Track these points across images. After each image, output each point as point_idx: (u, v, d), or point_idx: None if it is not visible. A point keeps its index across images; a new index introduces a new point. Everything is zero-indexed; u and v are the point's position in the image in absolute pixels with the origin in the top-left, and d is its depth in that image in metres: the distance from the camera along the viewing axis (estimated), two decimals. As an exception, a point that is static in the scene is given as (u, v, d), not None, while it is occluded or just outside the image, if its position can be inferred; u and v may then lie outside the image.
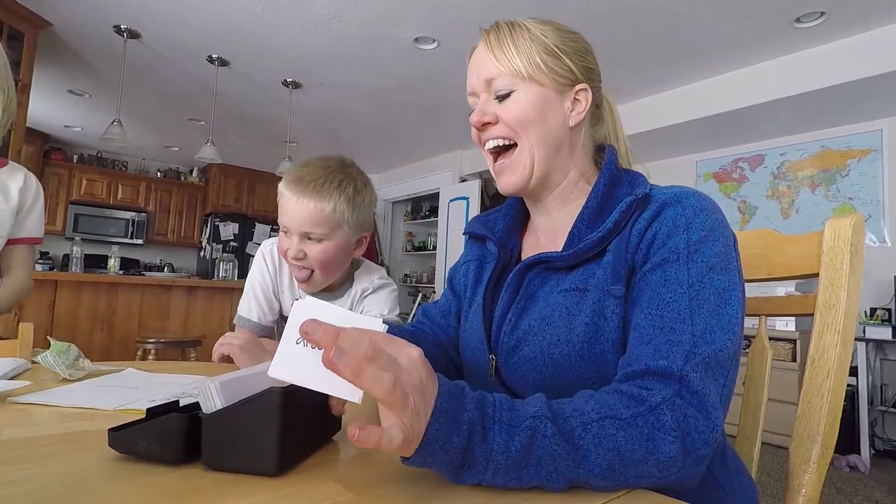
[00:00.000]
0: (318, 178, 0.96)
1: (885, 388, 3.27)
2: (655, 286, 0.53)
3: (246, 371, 0.53)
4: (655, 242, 0.55)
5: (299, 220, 0.97)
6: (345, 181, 0.99)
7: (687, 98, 3.64)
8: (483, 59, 0.65)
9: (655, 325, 0.51)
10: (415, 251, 6.83)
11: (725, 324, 0.51)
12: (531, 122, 0.62)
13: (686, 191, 0.58)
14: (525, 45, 0.62)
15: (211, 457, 0.45)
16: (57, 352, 0.85)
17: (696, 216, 0.55)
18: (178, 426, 0.45)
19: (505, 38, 0.63)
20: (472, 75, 0.66)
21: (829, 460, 0.62)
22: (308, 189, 0.96)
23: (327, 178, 0.97)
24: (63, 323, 2.74)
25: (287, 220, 0.99)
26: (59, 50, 3.45)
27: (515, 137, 0.63)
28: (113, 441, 0.46)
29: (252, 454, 0.44)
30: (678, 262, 0.53)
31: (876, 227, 3.43)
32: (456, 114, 4.38)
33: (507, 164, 0.65)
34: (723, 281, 0.53)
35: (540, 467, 0.42)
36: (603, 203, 0.62)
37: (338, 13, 2.92)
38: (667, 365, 0.48)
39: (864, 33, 2.88)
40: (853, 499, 2.43)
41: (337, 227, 0.99)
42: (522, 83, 0.62)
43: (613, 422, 0.44)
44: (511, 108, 0.62)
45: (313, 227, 0.97)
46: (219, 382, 0.46)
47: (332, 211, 0.96)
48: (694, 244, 0.54)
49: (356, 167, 1.05)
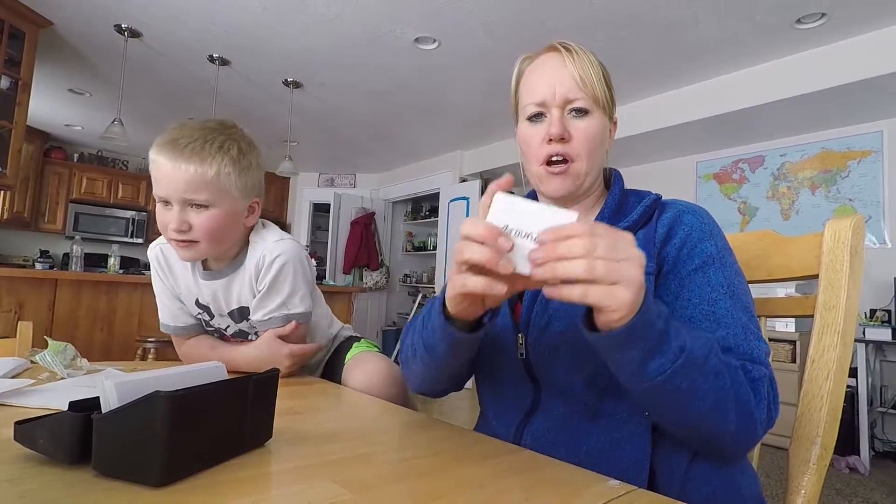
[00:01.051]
0: (196, 139, 0.86)
1: (885, 389, 3.27)
2: (702, 286, 0.62)
3: (166, 371, 0.49)
4: (688, 243, 0.64)
5: (181, 186, 0.86)
6: (227, 142, 0.89)
7: (687, 99, 3.64)
8: (565, 76, 0.68)
9: (710, 318, 0.60)
10: (415, 251, 6.82)
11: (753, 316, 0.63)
12: (596, 146, 0.70)
13: (693, 204, 0.70)
14: (599, 74, 0.69)
15: (100, 461, 0.41)
16: (54, 351, 0.85)
17: (713, 227, 0.67)
18: (71, 425, 0.42)
19: (584, 61, 0.69)
20: (544, 86, 0.69)
21: (828, 461, 0.63)
22: (186, 152, 0.85)
23: (206, 140, 0.87)
24: (63, 322, 2.74)
25: (165, 189, 0.87)
26: (59, 49, 3.45)
27: (578, 155, 0.69)
28: (17, 435, 0.44)
29: (135, 461, 0.40)
30: (714, 266, 0.63)
31: (876, 228, 3.43)
32: (456, 114, 4.38)
33: (566, 171, 0.69)
34: (742, 281, 0.65)
35: (706, 378, 0.50)
36: (620, 206, 0.71)
37: (338, 13, 2.92)
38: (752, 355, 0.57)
39: (865, 34, 2.88)
40: (852, 500, 2.43)
41: (223, 193, 0.89)
42: (596, 109, 0.69)
43: (738, 373, 0.54)
44: (586, 131, 0.69)
45: (196, 192, 0.87)
46: (116, 381, 0.43)
47: (217, 175, 0.87)
48: (720, 251, 0.64)
49: (238, 128, 0.95)
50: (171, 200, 0.88)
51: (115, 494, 0.39)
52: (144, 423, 0.40)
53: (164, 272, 1.04)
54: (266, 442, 0.53)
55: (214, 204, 0.89)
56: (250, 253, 1.00)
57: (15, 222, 5.28)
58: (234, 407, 0.48)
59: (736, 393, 0.52)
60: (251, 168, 0.93)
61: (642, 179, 4.69)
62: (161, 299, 1.07)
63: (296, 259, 0.99)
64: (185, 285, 1.04)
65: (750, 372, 0.56)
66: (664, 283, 0.64)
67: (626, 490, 0.45)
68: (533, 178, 0.73)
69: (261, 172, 0.97)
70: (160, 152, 0.86)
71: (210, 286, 1.00)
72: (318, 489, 0.42)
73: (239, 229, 0.97)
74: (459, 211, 5.35)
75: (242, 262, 1.00)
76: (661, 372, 0.48)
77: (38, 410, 0.61)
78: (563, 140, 0.68)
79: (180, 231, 0.88)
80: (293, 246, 1.00)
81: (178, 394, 0.41)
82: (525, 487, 0.44)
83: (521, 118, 0.73)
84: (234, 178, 0.89)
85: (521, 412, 0.68)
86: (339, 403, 0.81)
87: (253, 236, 1.01)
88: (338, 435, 0.59)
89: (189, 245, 0.91)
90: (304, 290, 1.01)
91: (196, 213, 0.88)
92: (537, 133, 0.70)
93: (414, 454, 0.53)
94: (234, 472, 0.45)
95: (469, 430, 0.69)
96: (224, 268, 1.00)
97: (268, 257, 0.97)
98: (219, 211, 0.90)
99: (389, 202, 6.69)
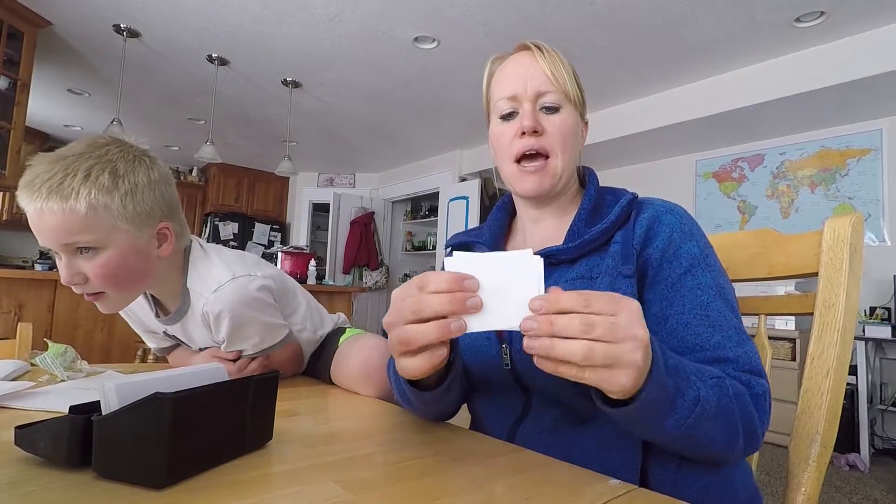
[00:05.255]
0: (54, 173, 0.70)
1: (885, 386, 3.27)
2: (693, 289, 0.62)
3: (167, 372, 0.48)
4: (671, 245, 0.64)
5: (53, 233, 0.71)
6: (95, 167, 0.72)
7: (686, 97, 3.64)
8: (536, 71, 0.69)
9: (705, 322, 0.60)
10: (414, 251, 6.82)
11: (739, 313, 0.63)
12: (570, 141, 0.70)
13: (670, 202, 0.69)
14: (569, 70, 0.70)
15: (101, 463, 0.41)
16: (54, 353, 0.85)
17: (692, 226, 0.66)
18: (71, 428, 0.42)
19: (555, 58, 0.69)
20: (516, 81, 0.69)
21: (828, 459, 0.63)
22: (44, 191, 0.69)
23: (67, 171, 0.70)
24: (63, 323, 2.73)
25: (42, 239, 0.73)
26: (58, 49, 3.44)
27: (553, 150, 0.69)
28: (17, 439, 0.44)
29: (136, 463, 0.40)
30: (700, 267, 0.63)
31: (875, 226, 3.43)
32: (456, 113, 4.38)
33: (540, 169, 0.69)
34: (726, 278, 0.65)
35: (719, 419, 0.50)
36: (596, 206, 0.70)
37: (338, 13, 2.91)
38: (750, 364, 0.58)
39: (864, 33, 2.88)
40: (852, 497, 2.43)
41: (109, 230, 0.74)
42: (567, 104, 0.69)
43: (744, 399, 0.54)
44: (559, 125, 0.69)
45: (72, 236, 0.72)
46: (117, 383, 0.42)
47: (90, 209, 0.71)
48: (703, 250, 0.64)
49: (117, 144, 0.77)
50: (53, 249, 0.74)
51: (115, 496, 0.39)
52: (145, 425, 0.40)
53: (126, 313, 0.99)
54: (266, 443, 0.53)
55: (103, 245, 0.74)
56: (193, 300, 0.88)
57: (14, 223, 5.27)
58: (234, 408, 0.48)
59: (743, 420, 0.53)
60: (138, 190, 0.76)
61: (642, 178, 4.69)
62: (137, 331, 1.05)
63: (243, 305, 0.86)
64: (150, 323, 0.98)
65: (754, 388, 0.56)
66: (653, 288, 0.63)
67: (626, 489, 0.45)
68: (507, 178, 0.72)
69: (160, 190, 0.80)
70: (21, 197, 0.72)
71: (172, 329, 0.96)
72: (318, 490, 0.42)
73: (152, 265, 0.82)
74: (459, 210, 5.35)
75: (187, 308, 0.89)
76: (679, 426, 0.49)
77: (39, 413, 0.61)
78: (536, 133, 0.68)
79: (76, 284, 0.76)
80: (235, 290, 0.85)
81: (179, 395, 0.41)
82: (525, 487, 0.44)
83: (492, 117, 0.73)
84: (115, 208, 0.73)
85: (512, 417, 0.68)
86: (339, 404, 0.81)
87: (189, 278, 0.88)
88: (338, 435, 0.59)
89: (97, 297, 0.79)
90: (267, 324, 0.91)
91: (86, 260, 0.74)
92: (509, 129, 0.70)
93: (414, 454, 0.53)
94: (234, 474, 0.45)
95: (468, 429, 0.69)
96: (174, 313, 0.91)
97: (211, 313, 0.85)
98: (112, 252, 0.75)
99: (389, 202, 6.69)
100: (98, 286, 0.77)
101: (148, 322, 0.98)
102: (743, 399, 0.54)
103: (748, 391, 0.55)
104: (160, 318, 0.93)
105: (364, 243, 6.25)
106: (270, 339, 0.93)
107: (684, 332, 0.60)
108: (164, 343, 1.04)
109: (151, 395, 0.40)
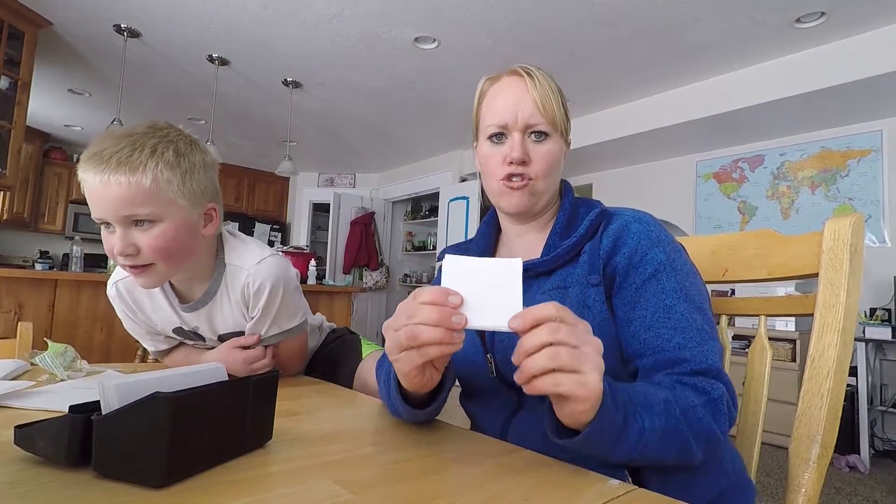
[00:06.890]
0: (122, 147, 0.74)
1: (885, 388, 3.27)
2: (657, 294, 0.64)
3: (166, 372, 0.49)
4: (637, 252, 0.66)
5: (115, 204, 0.75)
6: (160, 145, 0.77)
7: (687, 98, 3.64)
8: (527, 101, 0.71)
9: (667, 325, 0.62)
10: (415, 251, 6.82)
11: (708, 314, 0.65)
12: (554, 168, 0.73)
13: (639, 212, 0.71)
14: (558, 100, 0.72)
15: (100, 462, 0.41)
16: (54, 353, 0.85)
17: (660, 232, 0.68)
18: (71, 428, 0.42)
19: (546, 89, 0.71)
20: (506, 112, 0.71)
21: (828, 460, 0.63)
22: (112, 162, 0.73)
23: (135, 146, 0.75)
24: (63, 323, 2.73)
25: (100, 210, 0.76)
26: (59, 49, 3.44)
27: (538, 176, 0.72)
28: (17, 439, 0.44)
29: (135, 462, 0.40)
30: (666, 272, 0.64)
31: (876, 227, 3.43)
32: (456, 114, 4.38)
33: (525, 187, 0.71)
34: (697, 283, 0.67)
35: (666, 441, 0.52)
36: (570, 220, 0.73)
37: (338, 13, 2.91)
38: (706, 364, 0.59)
39: (864, 33, 2.88)
40: (853, 499, 2.43)
41: (168, 203, 0.78)
42: (554, 133, 0.72)
43: (696, 412, 0.55)
44: (545, 154, 0.71)
45: (134, 207, 0.75)
46: (117, 382, 0.43)
47: (154, 183, 0.75)
48: (669, 256, 0.66)
49: (175, 128, 0.83)
50: (109, 221, 0.77)
51: (115, 495, 0.39)
52: (145, 425, 0.40)
53: (132, 311, 0.97)
54: (266, 443, 0.53)
55: (160, 218, 0.78)
56: (229, 277, 0.91)
57: (14, 223, 5.28)
58: (234, 408, 0.48)
59: (696, 434, 0.54)
60: (196, 170, 0.81)
61: (642, 179, 4.69)
62: (136, 334, 1.02)
63: (283, 278, 0.92)
64: (163, 318, 0.97)
65: (709, 393, 0.57)
66: (619, 293, 0.66)
67: (626, 490, 0.45)
68: (492, 194, 0.75)
69: (211, 173, 0.86)
70: (85, 169, 0.75)
71: (194, 317, 0.95)
72: (318, 489, 0.42)
73: (198, 242, 0.86)
74: (459, 210, 5.35)
75: (220, 286, 0.92)
76: (626, 455, 0.51)
77: (38, 412, 0.61)
78: (524, 163, 0.71)
79: (127, 255, 0.78)
80: (276, 264, 0.92)
81: (179, 395, 0.41)
82: (525, 487, 0.45)
83: (481, 137, 0.75)
84: (175, 184, 0.78)
85: (506, 412, 0.70)
86: (339, 404, 0.81)
87: (228, 255, 0.93)
88: (337, 435, 0.59)
89: (144, 270, 0.81)
90: (296, 304, 0.97)
91: (141, 231, 0.78)
92: (498, 152, 0.72)
93: (414, 454, 0.53)
94: (234, 473, 0.45)
95: (468, 429, 0.69)
96: (202, 295, 0.93)
97: (253, 284, 0.89)
98: (167, 225, 0.79)
99: (389, 202, 6.69)
100: (149, 257, 0.79)
101: (158, 318, 0.98)
102: (692, 414, 0.55)
103: (706, 397, 0.57)
104: (182, 305, 0.94)
105: (364, 243, 6.25)
106: (295, 320, 0.98)
107: (646, 334, 0.62)
108: (163, 345, 1.05)
109: (151, 394, 0.40)
